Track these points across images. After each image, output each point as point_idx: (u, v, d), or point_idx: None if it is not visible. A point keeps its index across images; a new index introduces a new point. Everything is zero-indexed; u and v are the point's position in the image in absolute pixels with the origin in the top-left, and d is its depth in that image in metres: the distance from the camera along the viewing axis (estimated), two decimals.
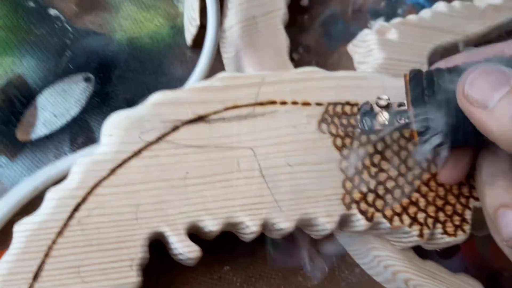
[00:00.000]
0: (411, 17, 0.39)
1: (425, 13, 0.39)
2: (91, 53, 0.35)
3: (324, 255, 0.32)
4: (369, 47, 0.37)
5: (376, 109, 0.27)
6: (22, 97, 0.33)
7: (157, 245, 0.27)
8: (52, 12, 0.36)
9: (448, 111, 0.25)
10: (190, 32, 0.36)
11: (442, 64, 0.28)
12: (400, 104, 0.27)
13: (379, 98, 0.27)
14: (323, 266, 0.32)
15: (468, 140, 0.26)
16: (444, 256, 0.33)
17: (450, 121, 0.25)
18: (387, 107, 0.27)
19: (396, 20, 0.38)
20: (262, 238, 0.29)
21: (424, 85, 0.26)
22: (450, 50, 0.40)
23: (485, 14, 0.41)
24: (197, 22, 0.35)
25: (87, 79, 0.34)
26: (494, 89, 0.23)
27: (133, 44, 0.36)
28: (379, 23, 0.38)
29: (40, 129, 0.32)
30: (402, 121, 0.27)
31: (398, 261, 0.31)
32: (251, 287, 0.31)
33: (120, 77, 0.35)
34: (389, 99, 0.27)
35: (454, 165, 0.28)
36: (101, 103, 0.34)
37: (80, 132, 0.33)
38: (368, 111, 0.27)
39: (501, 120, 0.23)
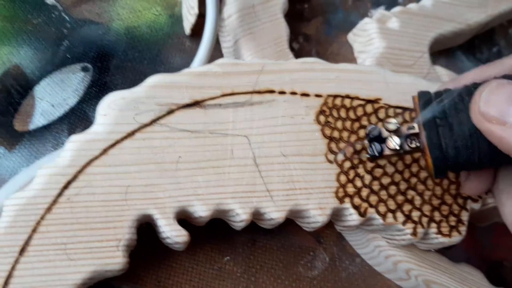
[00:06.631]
0: (412, 6, 0.38)
1: (426, 1, 0.39)
2: (88, 42, 0.35)
3: None
4: (369, 36, 0.37)
5: (385, 133, 0.26)
6: (20, 87, 0.33)
7: (157, 237, 0.27)
8: (49, 1, 0.36)
9: (461, 133, 0.24)
10: (188, 21, 0.36)
11: (450, 84, 0.27)
12: (410, 128, 0.26)
13: (387, 122, 0.26)
14: (324, 256, 0.32)
15: (484, 161, 0.24)
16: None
17: (464, 143, 0.24)
18: (396, 131, 0.26)
19: (397, 8, 0.38)
20: (262, 228, 0.29)
21: (435, 107, 0.25)
22: (451, 39, 0.40)
23: (487, 2, 0.41)
24: (195, 11, 0.35)
25: (85, 69, 0.34)
26: (511, 104, 0.22)
27: (131, 33, 0.36)
28: (380, 11, 0.38)
29: (38, 119, 0.32)
30: (414, 145, 0.26)
31: (399, 251, 0.31)
32: (251, 278, 0.31)
33: (118, 66, 0.35)
34: (397, 122, 0.26)
35: (478, 177, 0.28)
36: (99, 93, 0.33)
37: (78, 122, 0.32)
38: (377, 136, 0.26)
39: None
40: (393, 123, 0.26)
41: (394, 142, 0.26)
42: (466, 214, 0.29)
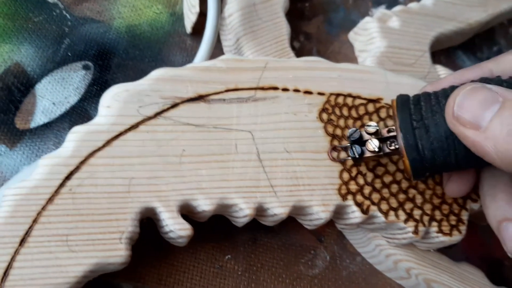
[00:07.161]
0: (413, 5, 0.38)
1: (427, 0, 0.39)
2: (89, 40, 0.35)
3: None
4: (370, 35, 0.37)
5: (366, 136, 0.27)
6: (21, 85, 0.33)
7: (159, 236, 0.27)
8: None
9: (437, 135, 0.24)
10: (189, 20, 0.36)
11: (429, 88, 0.27)
12: (389, 130, 0.27)
13: (367, 125, 0.27)
14: (325, 254, 0.32)
15: (461, 163, 0.25)
16: None
17: (440, 145, 0.25)
18: (376, 133, 0.27)
19: (398, 7, 0.38)
20: (263, 227, 0.29)
21: (412, 110, 0.25)
22: (452, 38, 0.40)
23: (487, 2, 0.41)
24: (196, 9, 0.35)
25: (86, 67, 0.34)
26: (484, 108, 0.22)
27: (132, 31, 0.36)
28: (381, 10, 0.38)
29: (39, 118, 0.32)
30: (392, 147, 0.26)
31: (400, 250, 0.31)
32: (252, 276, 0.31)
33: (119, 65, 0.35)
34: (377, 125, 0.27)
35: (459, 179, 0.28)
36: (100, 91, 0.33)
37: (79, 120, 0.32)
38: (357, 139, 0.27)
39: (496, 140, 0.22)
40: (372, 126, 0.27)
41: (373, 144, 0.27)
42: (466, 214, 0.30)
